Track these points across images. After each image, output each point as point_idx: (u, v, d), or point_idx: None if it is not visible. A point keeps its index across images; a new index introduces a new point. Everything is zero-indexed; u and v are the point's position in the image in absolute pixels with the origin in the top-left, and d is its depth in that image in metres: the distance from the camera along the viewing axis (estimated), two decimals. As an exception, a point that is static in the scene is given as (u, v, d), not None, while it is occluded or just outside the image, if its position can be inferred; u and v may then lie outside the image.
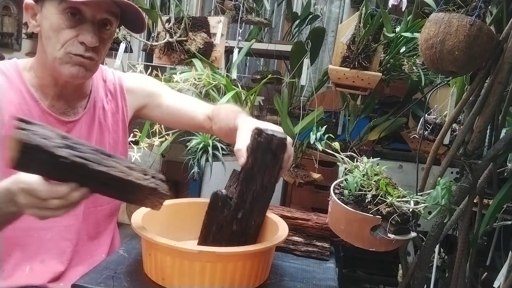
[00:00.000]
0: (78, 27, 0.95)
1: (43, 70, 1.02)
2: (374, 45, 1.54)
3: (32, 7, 0.99)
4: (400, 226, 0.90)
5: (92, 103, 1.10)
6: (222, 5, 2.03)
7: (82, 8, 0.94)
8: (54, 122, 1.03)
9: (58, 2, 0.94)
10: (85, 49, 0.96)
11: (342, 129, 2.01)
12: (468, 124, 0.97)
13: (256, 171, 0.89)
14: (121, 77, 1.19)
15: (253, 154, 0.86)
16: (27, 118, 0.75)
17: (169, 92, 1.23)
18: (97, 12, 0.96)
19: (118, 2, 0.97)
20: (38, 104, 1.01)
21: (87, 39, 0.95)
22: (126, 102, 1.18)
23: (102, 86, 1.15)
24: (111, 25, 1.00)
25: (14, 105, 0.99)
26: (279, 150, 0.87)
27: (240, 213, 0.91)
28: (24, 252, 1.03)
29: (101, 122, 1.12)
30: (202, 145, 1.47)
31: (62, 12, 0.94)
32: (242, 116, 1.03)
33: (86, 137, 1.09)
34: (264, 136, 0.84)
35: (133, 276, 0.95)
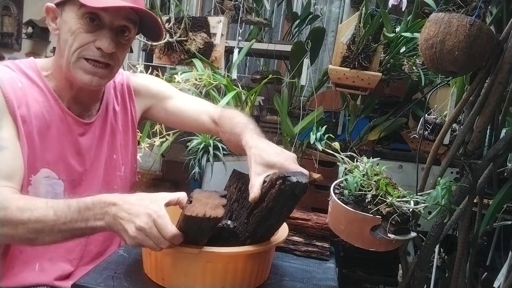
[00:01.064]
0: (96, 32, 0.96)
1: (60, 73, 1.02)
2: (374, 45, 1.54)
3: (53, 11, 1.00)
4: (400, 226, 0.90)
5: (104, 106, 1.12)
6: (222, 5, 2.03)
7: (101, 14, 0.95)
8: (72, 123, 1.05)
9: (77, 7, 0.95)
10: (101, 55, 0.97)
11: (342, 129, 2.01)
12: (468, 124, 0.97)
13: (275, 211, 0.89)
14: (129, 78, 1.20)
15: (275, 200, 0.86)
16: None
17: (176, 93, 1.23)
18: (116, 19, 0.97)
19: (136, 10, 0.98)
20: (58, 103, 1.03)
21: (104, 44, 0.95)
22: (134, 102, 1.19)
23: (113, 88, 1.16)
24: (129, 32, 1.01)
25: (39, 102, 0.99)
26: (302, 193, 0.87)
27: (249, 241, 0.92)
28: (33, 250, 1.03)
29: (113, 124, 1.13)
30: (203, 145, 1.47)
31: (81, 17, 0.95)
32: (249, 135, 1.01)
33: (99, 139, 1.10)
34: (288, 184, 0.84)
35: (133, 276, 0.95)
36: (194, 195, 0.82)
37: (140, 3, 1.00)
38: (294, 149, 1.81)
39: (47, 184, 1.02)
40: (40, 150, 1.00)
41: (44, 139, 1.00)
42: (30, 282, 1.02)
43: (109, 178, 1.13)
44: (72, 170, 1.06)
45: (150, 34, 1.09)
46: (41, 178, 1.01)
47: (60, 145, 1.03)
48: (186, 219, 0.79)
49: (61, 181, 1.04)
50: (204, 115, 1.19)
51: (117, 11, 0.96)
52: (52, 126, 1.01)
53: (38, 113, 0.99)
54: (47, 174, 1.02)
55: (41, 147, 1.00)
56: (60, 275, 1.05)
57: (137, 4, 0.97)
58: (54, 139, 1.02)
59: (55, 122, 1.02)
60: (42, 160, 1.00)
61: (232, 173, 1.02)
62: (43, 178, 1.01)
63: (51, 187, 1.03)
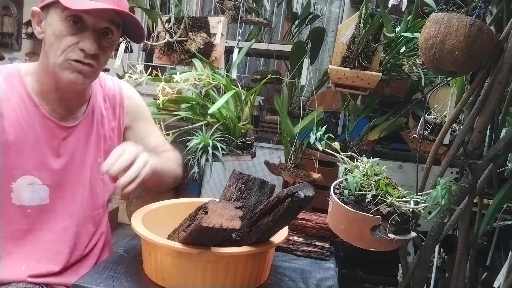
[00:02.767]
0: (79, 35, 0.97)
1: (45, 76, 1.03)
2: (374, 45, 1.53)
3: (38, 14, 1.02)
4: (400, 226, 0.90)
5: (90, 109, 1.12)
6: (222, 5, 2.03)
7: (83, 16, 0.97)
8: (53, 127, 1.05)
9: (61, 10, 0.96)
10: (84, 56, 0.98)
11: (342, 129, 2.00)
12: (468, 124, 0.97)
13: (280, 222, 0.90)
14: (121, 87, 1.21)
15: (282, 215, 0.87)
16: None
17: (148, 124, 1.25)
18: (98, 21, 0.98)
19: (119, 12, 0.99)
20: (38, 109, 1.04)
21: (86, 46, 0.97)
22: (124, 112, 1.19)
23: (100, 93, 1.16)
24: (112, 34, 1.02)
25: (15, 111, 1.01)
26: (308, 204, 0.88)
27: (250, 242, 0.92)
28: (22, 252, 1.05)
29: (99, 129, 1.14)
30: (202, 145, 1.46)
31: (65, 20, 0.96)
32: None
33: (84, 143, 1.11)
34: (296, 200, 0.85)
35: (133, 276, 0.95)
36: (210, 206, 0.83)
37: (123, 6, 1.01)
38: (294, 149, 1.81)
39: (31, 191, 1.04)
40: (18, 158, 1.01)
41: (21, 147, 1.02)
42: (17, 279, 1.03)
43: (94, 181, 1.13)
44: (56, 175, 1.07)
45: (133, 36, 1.10)
46: (24, 185, 1.03)
47: (40, 151, 1.04)
48: (202, 229, 0.80)
49: (45, 186, 1.05)
50: (161, 149, 1.23)
51: (100, 13, 0.97)
52: (30, 134, 1.02)
53: (14, 122, 1.00)
54: (30, 181, 1.03)
55: (19, 156, 1.02)
56: (45, 276, 1.06)
57: (120, 6, 0.98)
58: (33, 146, 1.03)
59: (33, 130, 1.03)
60: (22, 168, 1.02)
61: (231, 173, 1.02)
62: (26, 185, 1.03)
63: (36, 193, 1.04)
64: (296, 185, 0.88)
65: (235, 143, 1.53)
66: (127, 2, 1.05)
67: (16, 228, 1.04)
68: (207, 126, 1.55)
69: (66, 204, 1.09)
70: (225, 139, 1.52)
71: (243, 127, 1.55)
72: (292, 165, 1.83)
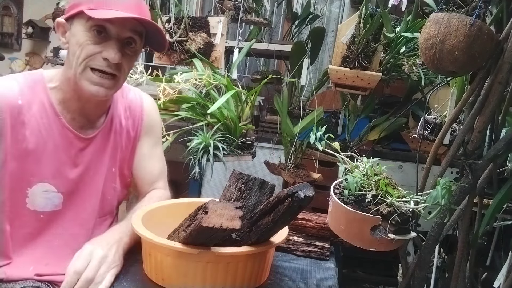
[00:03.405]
0: (103, 44, 0.98)
1: (68, 85, 1.04)
2: (374, 45, 1.54)
3: (63, 25, 1.03)
4: (400, 226, 0.90)
5: (109, 119, 1.13)
6: (222, 5, 2.03)
7: (107, 26, 0.97)
8: (72, 138, 1.06)
9: (85, 20, 0.97)
10: (107, 65, 0.99)
11: (342, 129, 2.00)
12: (468, 124, 0.97)
13: (280, 222, 0.90)
14: (143, 100, 1.22)
15: (282, 215, 0.87)
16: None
17: (155, 144, 1.25)
18: (122, 31, 0.99)
19: (142, 22, 1.00)
20: (59, 118, 1.05)
21: (110, 55, 0.97)
22: (142, 123, 1.20)
23: (121, 103, 1.17)
24: (135, 43, 1.03)
25: (36, 119, 1.02)
26: (308, 204, 0.88)
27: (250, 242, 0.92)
28: (31, 255, 1.06)
29: (116, 139, 1.15)
30: (203, 145, 1.46)
31: (89, 30, 0.98)
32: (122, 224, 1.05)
33: (101, 153, 1.12)
34: (296, 200, 0.85)
35: (133, 276, 0.95)
36: (210, 206, 0.83)
37: (146, 15, 1.02)
38: (294, 149, 1.81)
39: (46, 197, 1.05)
40: (36, 165, 1.03)
41: (40, 155, 1.03)
42: (19, 277, 1.04)
43: (106, 189, 1.14)
44: (71, 183, 1.08)
45: (155, 45, 1.11)
46: (39, 192, 1.04)
47: (58, 160, 1.05)
48: (202, 229, 0.80)
49: (60, 194, 1.07)
50: (149, 181, 1.22)
51: (123, 23, 0.98)
52: (49, 143, 1.04)
53: (34, 130, 1.02)
54: (45, 188, 1.04)
55: (37, 163, 1.03)
56: (52, 279, 1.07)
57: (143, 15, 0.99)
58: (52, 155, 1.04)
59: (53, 139, 1.04)
60: (39, 175, 1.03)
61: (231, 173, 1.02)
62: (42, 192, 1.04)
63: (49, 200, 1.06)
64: (296, 185, 0.88)
65: (236, 143, 1.53)
66: (149, 11, 1.06)
67: (28, 231, 1.06)
68: (207, 126, 1.55)
69: (77, 212, 1.10)
70: (225, 139, 1.52)
71: (243, 127, 1.55)
72: (292, 165, 1.83)
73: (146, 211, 1.04)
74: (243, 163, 1.58)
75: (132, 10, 0.98)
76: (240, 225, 0.82)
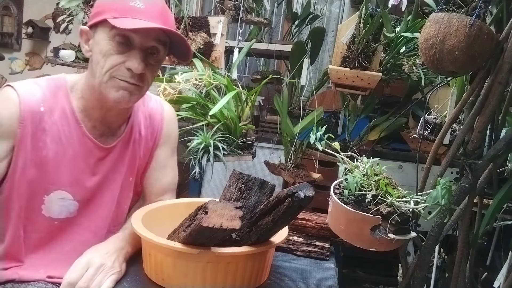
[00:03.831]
0: (126, 54, 0.97)
1: (91, 93, 1.03)
2: (374, 45, 1.54)
3: (86, 33, 1.02)
4: (400, 226, 0.90)
5: (129, 128, 1.12)
6: (222, 5, 2.03)
7: (131, 35, 0.96)
8: (92, 147, 1.06)
9: (109, 29, 0.96)
10: (131, 75, 0.98)
11: (342, 129, 2.00)
12: (468, 124, 0.97)
13: (280, 222, 0.90)
14: (163, 109, 1.21)
15: (282, 215, 0.87)
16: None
17: (171, 155, 1.23)
18: (146, 40, 0.98)
19: (166, 31, 0.99)
20: (80, 126, 1.04)
21: (133, 65, 0.96)
22: (161, 132, 1.19)
23: (142, 111, 1.16)
24: (158, 53, 1.02)
25: (57, 126, 1.02)
26: (308, 204, 0.88)
27: (250, 242, 0.92)
28: (43, 259, 1.05)
29: (135, 148, 1.14)
30: (203, 145, 1.46)
31: (112, 39, 0.96)
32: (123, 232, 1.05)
33: (119, 163, 1.11)
34: (296, 200, 0.85)
35: (133, 276, 0.95)
36: (210, 206, 0.83)
37: (170, 24, 1.01)
38: (294, 149, 1.81)
39: (61, 205, 1.05)
40: (54, 173, 1.02)
41: (59, 163, 1.02)
42: (31, 278, 1.03)
43: (121, 198, 1.14)
44: (88, 192, 1.07)
45: (179, 54, 1.10)
46: (55, 199, 1.04)
47: (77, 168, 1.05)
48: (202, 229, 0.80)
49: (76, 202, 1.06)
50: (164, 190, 1.21)
51: (147, 32, 0.97)
52: (68, 151, 1.03)
53: (55, 137, 1.01)
54: (62, 196, 1.04)
55: (56, 170, 1.02)
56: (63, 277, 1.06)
57: (167, 25, 0.98)
58: (71, 163, 1.04)
59: (72, 147, 1.03)
60: (57, 182, 1.03)
61: (231, 173, 1.02)
62: (58, 199, 1.04)
63: (65, 207, 1.05)
64: (296, 185, 0.88)
65: (236, 143, 1.53)
66: (174, 21, 1.05)
67: (41, 236, 1.05)
68: (207, 126, 1.55)
69: (92, 219, 1.09)
70: (226, 139, 1.52)
71: (243, 127, 1.55)
72: (292, 165, 1.83)
73: (146, 211, 1.04)
74: (243, 163, 1.58)
75: (156, 19, 0.96)
76: (240, 225, 0.82)
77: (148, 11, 0.97)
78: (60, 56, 2.73)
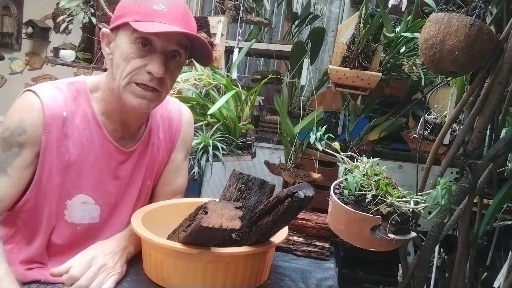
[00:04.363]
0: (147, 57, 0.96)
1: (111, 96, 1.03)
2: (374, 45, 1.54)
3: (108, 36, 1.01)
4: (400, 226, 0.90)
5: (148, 131, 1.12)
6: (222, 5, 2.03)
7: (152, 39, 0.95)
8: (113, 150, 1.05)
9: (130, 32, 0.95)
10: (150, 79, 0.97)
11: (342, 129, 2.00)
12: (468, 124, 0.97)
13: (280, 222, 0.90)
14: (182, 112, 1.20)
15: (282, 215, 0.87)
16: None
17: (185, 159, 1.23)
18: (167, 44, 0.97)
19: (188, 35, 0.98)
20: (101, 130, 1.04)
21: (154, 69, 0.95)
22: (179, 135, 1.18)
23: (160, 113, 1.16)
24: (180, 57, 1.01)
25: (79, 130, 1.01)
26: (308, 204, 0.88)
27: (250, 242, 0.92)
28: (64, 262, 1.03)
29: (154, 152, 1.14)
30: (202, 145, 1.46)
31: (134, 42, 0.96)
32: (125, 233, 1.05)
33: (139, 166, 1.11)
34: (296, 200, 0.85)
35: (133, 276, 0.95)
36: (210, 206, 0.83)
37: (192, 28, 1.00)
38: (294, 149, 1.81)
39: (83, 209, 1.04)
40: (77, 177, 1.02)
41: (81, 167, 1.02)
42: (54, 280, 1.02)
43: (139, 201, 1.13)
44: (109, 195, 1.07)
45: (200, 58, 1.09)
46: (77, 203, 1.03)
47: (98, 172, 1.04)
48: (202, 229, 0.80)
49: (97, 206, 1.06)
50: (174, 193, 1.20)
51: (169, 36, 0.96)
52: (90, 155, 1.03)
53: (77, 142, 1.01)
54: (84, 200, 1.04)
55: (78, 175, 1.02)
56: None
57: (189, 29, 0.97)
58: (92, 167, 1.03)
59: (94, 151, 1.03)
60: (79, 186, 1.03)
61: (231, 173, 1.02)
62: (80, 203, 1.04)
63: (87, 212, 1.05)
64: (296, 185, 0.88)
65: (236, 143, 1.53)
66: (195, 24, 1.03)
67: (64, 242, 1.05)
68: (207, 126, 1.55)
69: (112, 223, 1.09)
70: (225, 139, 1.52)
71: (243, 127, 1.55)
72: (292, 165, 1.83)
73: (146, 211, 1.04)
74: (243, 163, 1.59)
75: (178, 23, 0.95)
76: (240, 225, 0.82)
77: (171, 14, 0.96)
78: (60, 56, 2.73)
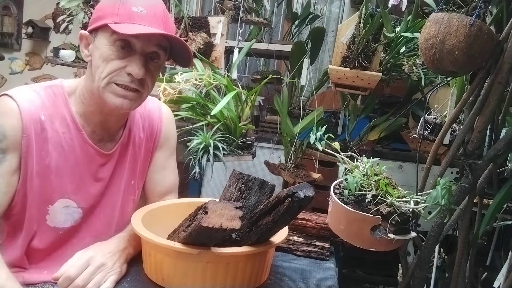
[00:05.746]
0: (127, 59, 0.97)
1: (90, 98, 1.03)
2: (374, 45, 1.54)
3: (86, 37, 1.01)
4: (400, 226, 0.90)
5: (127, 132, 1.12)
6: (222, 5, 2.03)
7: (132, 41, 0.96)
8: (93, 153, 1.05)
9: (109, 34, 0.96)
10: (131, 80, 0.97)
11: (342, 129, 2.00)
12: (468, 124, 0.97)
13: (280, 222, 0.90)
14: (161, 110, 1.20)
15: (282, 215, 0.87)
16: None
17: (170, 156, 1.23)
18: (147, 46, 0.97)
19: (167, 37, 0.99)
20: (81, 133, 1.03)
21: (134, 70, 0.96)
22: (161, 134, 1.18)
23: (139, 112, 1.16)
24: (159, 58, 1.01)
25: (58, 133, 1.01)
26: (308, 204, 0.88)
27: (250, 242, 0.92)
28: (46, 265, 1.05)
29: (135, 151, 1.14)
30: (203, 145, 1.46)
31: (113, 44, 0.96)
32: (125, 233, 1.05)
33: (120, 167, 1.11)
34: (296, 200, 0.85)
35: (133, 276, 0.95)
36: (210, 206, 0.83)
37: (171, 30, 1.01)
38: (294, 149, 1.81)
39: (66, 213, 1.04)
40: (58, 181, 1.01)
41: (62, 170, 1.02)
42: (37, 281, 1.03)
43: (125, 202, 1.13)
44: (91, 198, 1.07)
45: (180, 59, 1.09)
46: (60, 208, 1.03)
47: (79, 175, 1.04)
48: (202, 229, 0.80)
49: (80, 209, 1.06)
50: (166, 192, 1.21)
51: (148, 38, 0.96)
52: (70, 158, 1.02)
53: (57, 145, 1.00)
54: (66, 204, 1.04)
55: (59, 179, 1.02)
56: None
57: (168, 30, 0.98)
58: (73, 170, 1.03)
59: (74, 154, 1.03)
60: (60, 191, 1.02)
61: (231, 173, 1.02)
62: (62, 208, 1.03)
63: (70, 216, 1.05)
64: (296, 185, 0.88)
65: (236, 143, 1.53)
66: (174, 26, 1.04)
67: (46, 247, 1.04)
68: (207, 126, 1.55)
69: (95, 225, 1.09)
70: (225, 139, 1.52)
71: (243, 127, 1.55)
72: (292, 165, 1.83)
73: (146, 211, 1.04)
74: (243, 163, 1.58)
75: (157, 25, 0.96)
76: (240, 225, 0.82)
77: (149, 16, 0.96)
78: (60, 56, 2.73)
